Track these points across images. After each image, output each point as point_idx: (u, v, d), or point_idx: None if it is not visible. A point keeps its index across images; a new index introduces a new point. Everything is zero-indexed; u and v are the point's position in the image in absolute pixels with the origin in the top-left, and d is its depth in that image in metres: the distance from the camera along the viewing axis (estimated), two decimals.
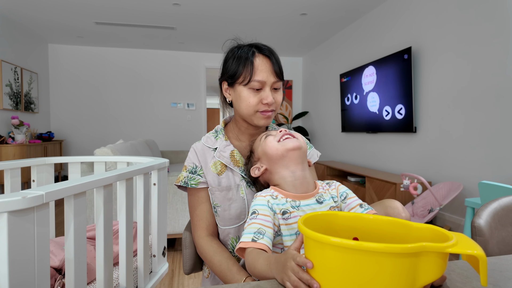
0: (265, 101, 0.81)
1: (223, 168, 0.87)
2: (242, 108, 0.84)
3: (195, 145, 0.92)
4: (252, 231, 0.64)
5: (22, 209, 0.54)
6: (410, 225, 0.52)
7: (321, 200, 0.72)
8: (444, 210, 2.82)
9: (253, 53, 0.82)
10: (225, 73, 0.86)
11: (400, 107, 3.25)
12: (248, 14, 4.00)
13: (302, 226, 0.47)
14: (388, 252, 0.40)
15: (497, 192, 1.51)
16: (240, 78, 0.82)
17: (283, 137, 0.76)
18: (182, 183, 0.87)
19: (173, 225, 2.25)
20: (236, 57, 0.83)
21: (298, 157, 0.75)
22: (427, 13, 2.97)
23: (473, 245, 0.43)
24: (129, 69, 5.67)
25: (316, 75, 5.57)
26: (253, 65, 0.81)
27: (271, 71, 0.82)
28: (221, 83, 0.90)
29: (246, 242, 0.63)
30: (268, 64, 0.82)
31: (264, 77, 0.81)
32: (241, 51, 0.84)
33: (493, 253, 0.78)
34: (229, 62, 0.85)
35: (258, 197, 0.72)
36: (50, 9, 3.87)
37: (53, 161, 1.31)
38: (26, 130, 4.19)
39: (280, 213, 0.68)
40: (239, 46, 0.86)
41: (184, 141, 5.94)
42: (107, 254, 0.82)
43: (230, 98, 0.88)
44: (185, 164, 0.91)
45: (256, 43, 0.87)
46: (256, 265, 0.58)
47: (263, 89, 0.82)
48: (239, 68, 0.82)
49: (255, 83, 0.81)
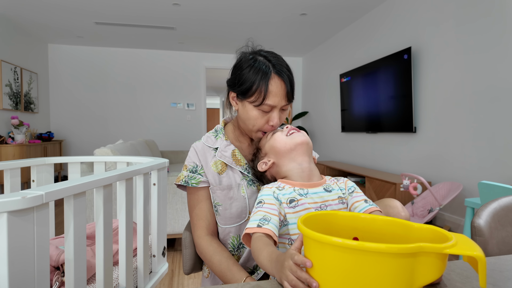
0: (271, 123, 0.82)
1: (224, 167, 0.87)
2: (247, 123, 0.85)
3: (195, 144, 0.92)
4: (258, 218, 0.65)
5: (22, 209, 0.54)
6: (411, 225, 0.52)
7: (330, 189, 0.73)
8: (444, 210, 2.82)
9: (269, 75, 0.79)
10: (235, 85, 0.83)
11: (400, 107, 3.25)
12: (248, 14, 4.00)
13: (301, 226, 0.47)
14: (386, 252, 0.40)
15: (497, 192, 1.51)
16: (252, 98, 0.80)
17: (290, 131, 0.79)
18: (182, 182, 0.87)
19: (173, 225, 2.25)
20: (251, 72, 0.80)
21: (305, 151, 0.77)
22: (427, 13, 2.97)
23: (472, 246, 0.43)
24: (129, 69, 5.67)
25: (316, 75, 5.58)
26: (268, 89, 0.78)
27: (284, 95, 0.81)
28: (229, 90, 0.88)
29: (251, 228, 0.63)
30: (282, 88, 0.80)
31: (276, 102, 0.80)
32: (257, 67, 0.80)
33: (493, 253, 0.78)
34: (241, 74, 0.82)
35: (265, 188, 0.73)
36: (50, 9, 3.87)
37: (53, 161, 1.31)
38: (26, 130, 4.19)
39: (286, 202, 0.69)
40: (255, 59, 0.82)
41: (184, 141, 5.94)
42: (107, 254, 0.82)
43: (236, 107, 0.88)
44: (185, 163, 0.91)
45: (273, 58, 0.82)
46: (259, 256, 0.59)
47: (272, 110, 0.82)
48: (253, 87, 0.79)
49: (266, 107, 0.80)
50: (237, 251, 0.87)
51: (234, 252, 0.87)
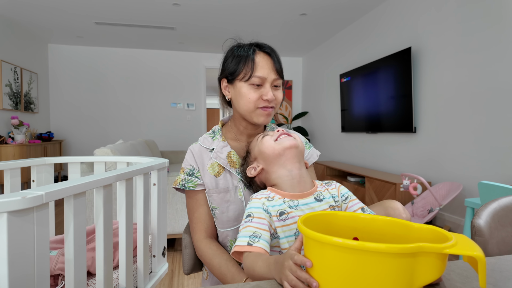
0: (265, 97, 0.81)
1: (221, 169, 0.86)
2: (242, 104, 0.83)
3: (192, 146, 0.91)
4: (248, 234, 0.63)
5: (22, 209, 0.54)
6: (411, 225, 0.52)
7: (320, 198, 0.71)
8: (444, 210, 2.82)
9: (254, 51, 0.82)
10: (225, 71, 0.86)
11: (400, 107, 3.25)
12: (248, 14, 4.00)
13: (302, 226, 0.47)
14: (387, 252, 0.40)
15: (497, 192, 1.51)
16: (241, 75, 0.81)
17: (280, 136, 0.76)
18: (179, 186, 0.87)
19: (173, 225, 2.25)
20: (237, 55, 0.83)
21: (294, 156, 0.74)
22: (427, 13, 2.97)
23: (472, 246, 0.43)
24: (129, 69, 5.67)
25: (316, 75, 5.58)
26: (254, 61, 0.81)
27: (272, 68, 0.82)
28: (220, 81, 0.89)
29: (241, 246, 0.62)
30: (269, 61, 0.82)
31: (265, 73, 0.81)
32: (242, 49, 0.84)
33: (493, 253, 0.78)
34: (229, 59, 0.85)
35: (253, 199, 0.70)
36: (50, 9, 3.87)
37: (53, 161, 1.31)
38: (26, 130, 4.19)
39: (276, 215, 0.67)
40: (239, 45, 0.86)
41: (184, 141, 5.93)
42: (107, 255, 0.82)
43: (229, 96, 0.88)
44: (182, 166, 0.90)
45: (256, 42, 0.86)
46: (255, 268, 0.58)
47: (263, 85, 0.82)
48: (240, 65, 0.82)
49: (256, 79, 0.80)
50: None
51: None
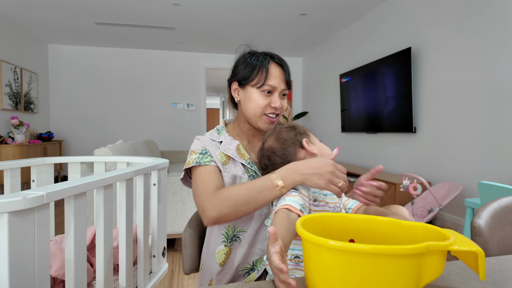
0: (274, 105, 0.87)
1: (227, 159, 0.89)
2: (250, 108, 0.88)
3: (199, 136, 0.93)
4: (299, 202, 0.70)
5: (22, 209, 0.54)
6: (401, 223, 0.53)
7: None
8: (444, 210, 2.82)
9: (268, 61, 0.88)
10: (236, 75, 0.91)
11: (400, 107, 3.25)
12: (248, 14, 4.00)
13: (301, 229, 0.47)
14: (397, 254, 0.39)
15: (497, 193, 1.51)
16: (254, 81, 0.87)
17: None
18: (194, 164, 0.85)
19: (172, 225, 2.25)
20: (251, 63, 0.89)
21: None
22: (427, 13, 2.98)
23: (469, 242, 0.45)
24: (129, 69, 5.66)
25: (316, 75, 5.58)
26: (268, 71, 0.87)
27: (283, 79, 0.88)
28: (231, 84, 0.94)
29: (295, 207, 0.68)
30: (280, 72, 0.88)
31: (276, 83, 0.87)
32: (256, 58, 0.89)
33: (493, 253, 0.78)
34: (242, 65, 0.90)
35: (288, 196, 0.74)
36: (50, 9, 3.87)
37: (53, 161, 1.31)
38: (26, 130, 4.19)
39: (312, 199, 0.77)
40: (252, 53, 0.92)
41: (184, 141, 5.93)
42: (107, 255, 0.82)
43: (238, 98, 0.92)
44: (192, 149, 0.89)
45: (269, 52, 0.92)
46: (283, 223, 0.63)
47: (273, 94, 0.88)
48: (254, 72, 0.87)
49: (267, 87, 0.86)
50: (230, 243, 0.87)
51: (226, 243, 0.87)
